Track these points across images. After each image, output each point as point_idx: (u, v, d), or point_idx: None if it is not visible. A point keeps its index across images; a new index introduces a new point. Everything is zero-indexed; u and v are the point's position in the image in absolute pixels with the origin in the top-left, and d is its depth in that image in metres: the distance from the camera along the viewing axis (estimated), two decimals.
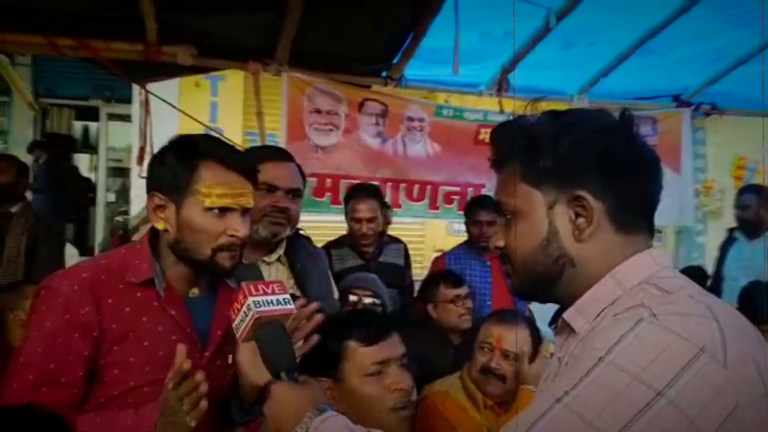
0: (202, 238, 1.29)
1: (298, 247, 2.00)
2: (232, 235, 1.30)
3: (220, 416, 1.38)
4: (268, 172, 1.83)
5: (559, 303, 0.96)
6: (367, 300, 2.27)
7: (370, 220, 3.02)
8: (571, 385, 0.77)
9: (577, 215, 0.89)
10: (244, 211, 1.33)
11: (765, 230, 3.77)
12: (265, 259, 1.89)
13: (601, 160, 0.89)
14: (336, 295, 2.18)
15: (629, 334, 0.77)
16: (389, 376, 1.38)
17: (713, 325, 0.77)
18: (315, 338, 1.31)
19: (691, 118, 4.54)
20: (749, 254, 3.79)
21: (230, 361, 1.38)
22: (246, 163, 1.36)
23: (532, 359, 1.88)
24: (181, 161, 1.31)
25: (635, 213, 0.91)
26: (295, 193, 1.89)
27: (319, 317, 1.32)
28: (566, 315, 0.92)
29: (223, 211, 1.29)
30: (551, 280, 0.92)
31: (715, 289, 3.94)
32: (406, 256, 3.32)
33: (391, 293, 2.70)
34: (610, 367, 0.75)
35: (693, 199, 4.85)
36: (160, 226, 1.33)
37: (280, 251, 1.93)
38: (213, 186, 1.28)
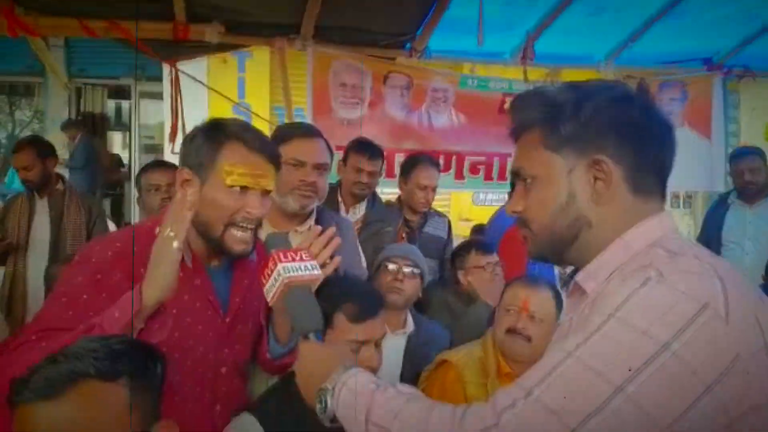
0: (218, 214, 1.35)
1: (327, 218, 2.07)
2: (248, 212, 1.36)
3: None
4: (297, 147, 1.91)
5: (573, 264, 1.01)
6: (407, 269, 2.33)
7: (433, 189, 3.12)
8: (582, 339, 0.82)
9: (596, 179, 0.94)
10: (264, 192, 1.39)
11: (765, 195, 3.63)
12: (297, 228, 1.97)
13: (619, 127, 0.93)
14: (363, 263, 2.25)
15: (637, 292, 0.82)
16: (363, 354, 1.45)
17: (716, 283, 0.81)
18: (337, 260, 1.44)
19: (724, 82, 4.43)
20: (752, 219, 3.65)
21: (249, 326, 1.46)
22: (270, 147, 1.41)
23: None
24: (209, 140, 1.36)
25: (650, 177, 0.95)
26: (323, 168, 1.96)
27: (337, 240, 1.45)
28: (578, 277, 0.97)
29: (244, 190, 1.35)
30: (568, 242, 0.97)
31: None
32: (449, 230, 3.36)
33: (430, 264, 2.75)
34: (619, 323, 0.80)
35: (724, 164, 4.75)
36: None
37: (311, 221, 2.00)
38: (236, 165, 1.34)
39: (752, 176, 3.62)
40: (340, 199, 2.98)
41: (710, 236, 3.83)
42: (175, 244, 1.18)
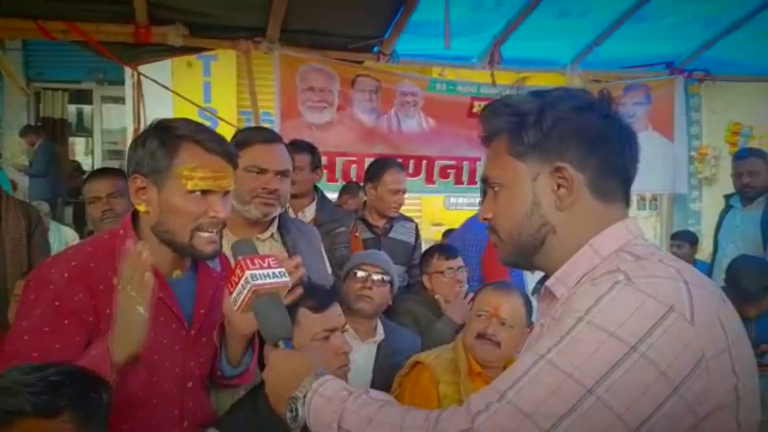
0: (182, 220, 1.32)
1: (289, 225, 2.04)
2: (213, 216, 1.33)
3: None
4: (258, 154, 1.87)
5: (541, 269, 1.03)
6: (376, 276, 2.31)
7: (403, 192, 3.14)
8: (553, 343, 0.84)
9: (559, 186, 0.96)
10: (225, 192, 1.37)
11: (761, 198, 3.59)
12: (259, 236, 1.94)
13: (581, 135, 0.96)
14: (329, 270, 2.23)
15: (606, 296, 0.84)
16: (334, 341, 1.53)
17: (681, 286, 0.84)
18: (299, 291, 1.42)
19: (685, 85, 4.54)
20: (740, 222, 3.69)
21: (213, 338, 1.43)
22: (226, 146, 1.38)
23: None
24: (162, 145, 1.32)
25: (613, 183, 0.97)
26: (285, 174, 1.93)
27: (301, 271, 1.43)
28: (548, 283, 0.99)
29: (205, 193, 1.33)
30: (535, 248, 0.99)
31: (712, 258, 3.89)
32: (417, 235, 3.36)
33: (398, 270, 2.75)
34: (589, 326, 0.82)
35: (687, 166, 4.88)
36: (141, 208, 1.35)
37: (273, 229, 1.98)
38: (195, 169, 1.31)
39: (750, 179, 3.58)
40: None
41: (714, 238, 3.87)
42: (141, 309, 1.16)
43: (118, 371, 1.18)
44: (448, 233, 5.00)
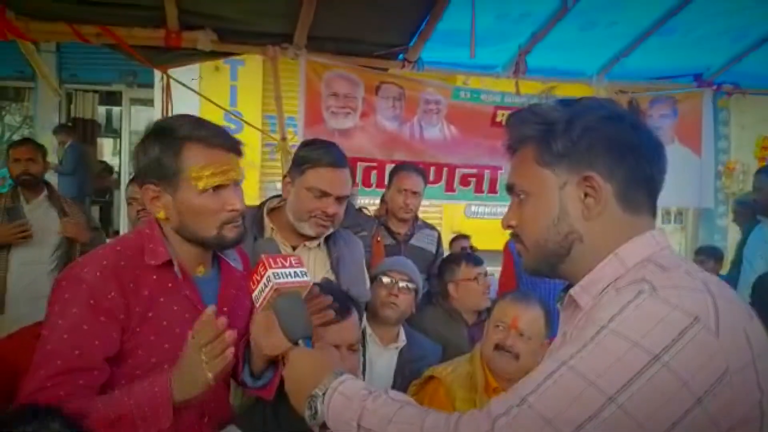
0: (206, 219, 1.34)
1: (337, 237, 2.06)
2: (231, 210, 1.35)
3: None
4: (323, 177, 1.87)
5: (566, 278, 1.02)
6: (402, 284, 2.32)
7: (414, 194, 3.11)
8: (576, 350, 0.84)
9: (587, 195, 0.96)
10: (235, 183, 1.38)
11: None
12: (306, 244, 1.96)
13: (610, 144, 0.96)
14: (368, 284, 2.24)
15: (630, 305, 0.84)
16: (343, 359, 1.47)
17: (707, 298, 0.83)
18: (330, 313, 1.38)
19: (714, 98, 4.47)
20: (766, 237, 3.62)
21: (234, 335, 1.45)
22: (226, 137, 1.38)
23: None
24: (164, 149, 1.32)
25: (640, 194, 0.98)
26: (345, 198, 1.94)
27: (326, 299, 1.38)
28: (573, 291, 0.99)
29: (217, 188, 1.34)
30: (560, 256, 0.99)
31: (736, 272, 3.85)
32: (439, 244, 3.35)
33: None
34: (612, 334, 0.82)
35: (714, 180, 4.79)
36: (161, 215, 1.36)
37: (321, 239, 1.99)
38: (203, 168, 1.31)
39: (757, 195, 3.59)
40: None
41: (738, 253, 3.82)
42: (210, 376, 1.16)
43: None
44: (455, 240, 4.99)
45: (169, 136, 1.34)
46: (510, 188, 1.05)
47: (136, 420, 1.18)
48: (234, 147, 1.38)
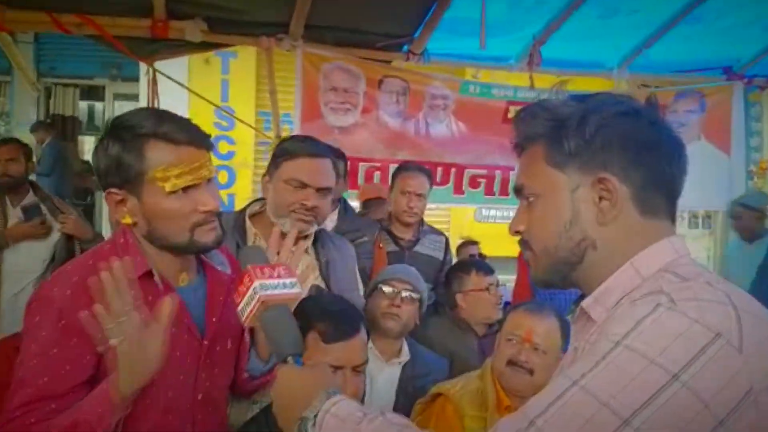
0: (176, 223, 1.32)
1: (326, 240, 2.05)
2: (204, 211, 1.32)
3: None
4: (301, 168, 1.87)
5: (578, 288, 1.01)
6: (405, 293, 2.30)
7: (418, 196, 3.08)
8: (588, 368, 0.82)
9: (601, 198, 0.95)
10: (207, 180, 1.35)
11: None
12: (293, 249, 1.95)
13: (626, 143, 0.94)
14: (360, 289, 2.23)
15: (647, 319, 0.82)
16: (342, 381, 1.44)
17: (730, 311, 0.82)
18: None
19: (744, 93, 4.46)
20: None
21: (228, 346, 1.44)
22: (194, 131, 1.34)
23: None
24: (125, 149, 1.29)
25: (658, 196, 0.96)
26: (327, 191, 1.93)
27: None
28: (584, 303, 0.98)
29: (186, 189, 1.31)
30: (572, 264, 0.97)
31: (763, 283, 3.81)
32: (446, 251, 3.31)
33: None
34: (627, 351, 0.81)
35: (745, 181, 4.77)
36: (127, 220, 1.33)
37: (308, 242, 1.99)
38: (168, 168, 1.27)
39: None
40: None
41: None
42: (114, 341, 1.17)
43: (129, 405, 1.21)
44: (462, 246, 4.90)
45: (129, 133, 1.29)
46: (518, 190, 1.03)
47: (80, 423, 1.19)
48: (202, 142, 1.34)
